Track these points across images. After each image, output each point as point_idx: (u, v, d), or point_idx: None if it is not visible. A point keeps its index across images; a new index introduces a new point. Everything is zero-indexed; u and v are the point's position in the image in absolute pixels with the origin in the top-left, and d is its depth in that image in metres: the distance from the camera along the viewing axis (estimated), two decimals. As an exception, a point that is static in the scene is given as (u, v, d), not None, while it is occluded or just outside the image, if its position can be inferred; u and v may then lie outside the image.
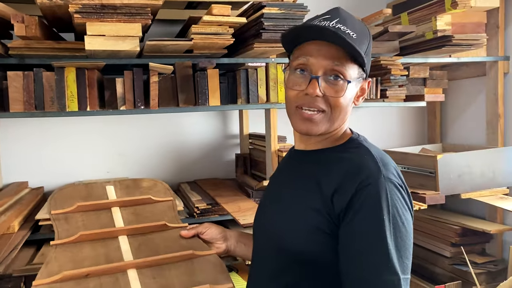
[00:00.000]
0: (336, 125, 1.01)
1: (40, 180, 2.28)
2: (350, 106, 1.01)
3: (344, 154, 0.99)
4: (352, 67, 0.96)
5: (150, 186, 1.40)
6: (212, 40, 1.61)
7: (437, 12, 2.11)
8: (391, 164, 0.97)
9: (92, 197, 1.31)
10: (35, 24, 1.53)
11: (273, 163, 2.04)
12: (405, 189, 0.95)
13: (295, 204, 1.01)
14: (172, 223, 1.26)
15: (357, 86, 1.00)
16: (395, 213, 0.89)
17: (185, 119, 2.48)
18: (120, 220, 1.24)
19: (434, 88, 2.20)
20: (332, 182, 0.94)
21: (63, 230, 1.18)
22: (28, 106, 1.56)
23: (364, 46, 0.97)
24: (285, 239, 1.00)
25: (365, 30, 0.99)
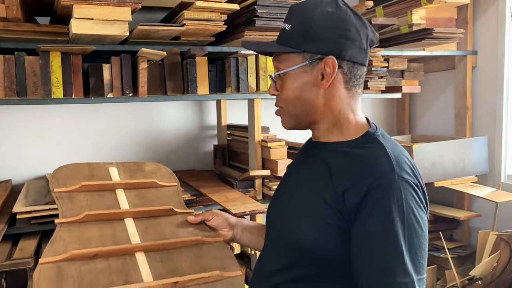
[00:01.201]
0: (307, 117, 1.01)
1: (6, 173, 2.16)
2: (310, 95, 0.98)
3: (358, 149, 0.97)
4: (289, 57, 0.98)
5: (153, 170, 1.36)
6: (204, 26, 1.58)
7: (412, 7, 2.18)
8: (406, 162, 0.94)
9: (95, 177, 1.26)
10: (17, 5, 1.44)
11: (257, 154, 2.05)
12: (421, 187, 0.93)
13: (307, 197, 1.00)
14: (178, 209, 1.24)
15: (308, 71, 0.97)
16: (410, 212, 0.87)
17: (161, 108, 2.42)
18: (125, 202, 1.20)
19: (411, 80, 2.28)
20: (344, 178, 0.93)
21: (67, 209, 1.13)
22: (10, 92, 1.47)
23: (303, 30, 0.96)
24: (295, 232, 1.00)
25: (306, 14, 0.97)
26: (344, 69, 0.97)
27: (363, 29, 0.98)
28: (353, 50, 0.96)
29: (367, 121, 1.04)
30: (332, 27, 0.95)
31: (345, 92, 0.99)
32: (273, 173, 1.98)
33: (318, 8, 0.96)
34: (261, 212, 1.68)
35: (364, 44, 0.98)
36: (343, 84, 0.98)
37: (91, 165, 1.31)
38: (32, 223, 1.68)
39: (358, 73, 1.00)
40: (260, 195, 2.05)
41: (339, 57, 0.95)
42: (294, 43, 0.97)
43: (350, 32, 0.96)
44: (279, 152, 2.01)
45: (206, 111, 2.56)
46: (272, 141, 2.02)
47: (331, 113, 1.00)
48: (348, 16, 0.96)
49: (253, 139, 2.06)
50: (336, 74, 0.96)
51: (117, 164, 1.34)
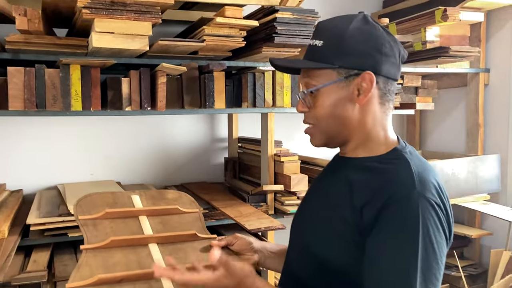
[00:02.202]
0: (341, 134, 1.00)
1: (18, 182, 2.16)
2: (345, 111, 0.97)
3: (382, 165, 0.96)
4: (323, 73, 0.97)
5: (175, 197, 1.37)
6: (223, 42, 1.59)
7: (426, 24, 2.19)
8: (431, 180, 0.91)
9: (118, 205, 1.27)
10: (38, 18, 1.45)
11: (270, 168, 2.04)
12: (444, 210, 0.89)
13: (328, 211, 1.00)
14: (201, 234, 1.24)
15: (343, 87, 0.96)
16: (425, 233, 0.84)
17: (172, 121, 2.42)
18: (149, 228, 1.21)
19: (425, 97, 2.28)
20: (364, 193, 0.92)
21: (92, 236, 1.13)
22: (29, 104, 1.47)
23: (337, 46, 0.95)
24: (316, 246, 1.00)
25: (339, 30, 0.96)
26: (380, 85, 0.97)
27: (395, 44, 0.98)
28: (388, 66, 0.96)
29: (398, 139, 1.03)
30: (368, 42, 0.95)
31: (378, 108, 0.99)
32: (286, 188, 1.97)
33: (350, 24, 0.95)
34: (276, 228, 1.67)
35: (397, 59, 0.98)
36: (377, 99, 0.98)
37: (114, 194, 1.32)
38: (45, 235, 1.67)
39: (392, 89, 1.00)
40: (272, 210, 2.04)
41: (376, 72, 0.95)
42: (328, 59, 0.96)
43: (385, 47, 0.95)
44: (292, 167, 2.00)
45: (218, 124, 2.56)
46: (285, 155, 2.01)
47: (363, 129, 0.99)
48: (381, 32, 0.96)
49: (266, 153, 2.05)
50: (373, 89, 0.95)
51: (140, 192, 1.36)
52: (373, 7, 2.83)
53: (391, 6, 2.71)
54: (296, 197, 1.95)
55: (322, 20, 1.03)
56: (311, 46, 1.00)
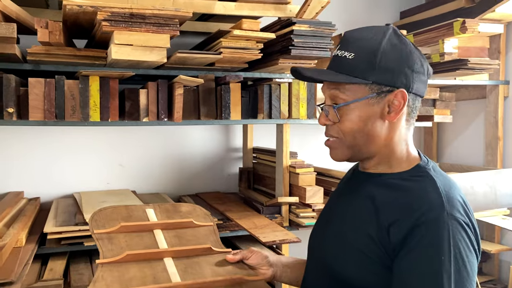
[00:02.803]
0: (366, 149, 0.98)
1: (35, 190, 2.19)
2: (374, 127, 0.95)
3: (407, 182, 0.94)
4: (353, 87, 0.95)
5: (190, 210, 1.37)
6: (240, 54, 1.60)
7: (444, 35, 2.17)
8: (459, 199, 0.89)
9: (133, 218, 1.28)
10: (59, 30, 1.48)
11: (284, 180, 2.03)
12: (472, 228, 0.88)
13: (350, 228, 0.98)
14: (216, 248, 1.23)
15: (374, 103, 0.94)
16: (457, 254, 0.82)
17: (187, 130, 2.44)
18: (164, 242, 1.20)
19: (443, 109, 2.26)
20: (390, 212, 0.90)
21: (107, 250, 1.14)
22: (49, 114, 1.49)
23: (370, 60, 0.93)
24: (336, 263, 0.98)
25: (373, 44, 0.94)
26: (409, 102, 0.96)
27: (425, 62, 0.97)
28: (418, 83, 0.95)
29: (419, 154, 1.02)
30: (402, 59, 0.93)
31: (404, 124, 0.98)
32: (301, 200, 1.96)
33: (384, 38, 0.94)
34: (291, 241, 1.66)
35: (426, 76, 0.97)
36: (405, 116, 0.97)
37: (129, 207, 1.33)
38: (62, 243, 1.68)
39: (418, 105, 0.99)
40: (286, 222, 2.03)
41: (407, 90, 0.94)
42: (360, 73, 0.93)
43: (417, 64, 0.94)
44: (307, 179, 1.99)
45: (232, 134, 2.56)
46: (301, 167, 2.00)
47: (389, 145, 0.98)
48: (412, 48, 0.95)
49: (281, 164, 2.05)
50: (405, 107, 0.94)
51: (154, 205, 1.36)
52: (390, 18, 2.82)
53: (409, 17, 2.70)
54: (311, 210, 1.93)
55: (349, 30, 1.00)
56: (339, 57, 0.97)
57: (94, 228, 1.20)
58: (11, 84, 1.47)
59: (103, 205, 1.86)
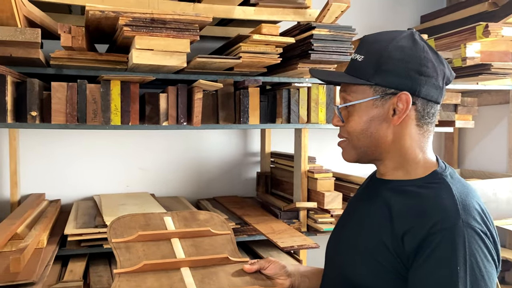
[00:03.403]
0: (372, 152, 0.98)
1: (56, 192, 2.22)
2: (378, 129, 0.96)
3: (422, 189, 0.92)
4: (359, 89, 0.96)
5: (207, 218, 1.37)
6: (259, 59, 1.60)
7: (466, 40, 2.13)
8: (475, 207, 0.87)
9: (150, 226, 1.28)
10: (82, 35, 1.50)
11: (303, 184, 2.02)
12: (491, 237, 0.85)
13: (365, 235, 0.97)
14: (233, 257, 1.23)
15: (378, 105, 0.94)
16: (473, 264, 0.80)
17: (206, 134, 2.45)
18: (181, 251, 1.21)
19: (465, 114, 2.22)
20: (404, 220, 0.89)
21: (125, 259, 1.15)
22: (71, 118, 1.52)
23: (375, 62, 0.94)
24: (350, 270, 0.98)
25: (381, 46, 0.94)
26: (418, 106, 0.94)
27: (440, 66, 0.95)
28: (428, 87, 0.93)
29: (437, 160, 0.99)
30: (408, 62, 0.92)
31: (416, 130, 0.96)
32: (320, 205, 1.94)
33: (394, 41, 0.93)
34: (309, 247, 1.64)
35: (440, 81, 0.95)
36: (415, 121, 0.95)
37: (147, 215, 1.33)
38: (82, 245, 1.70)
39: (432, 111, 0.96)
40: (304, 227, 2.02)
41: (414, 93, 0.93)
42: (366, 75, 0.94)
43: (427, 68, 0.93)
44: (326, 184, 1.98)
45: (251, 138, 2.57)
46: (319, 172, 1.99)
47: (399, 151, 0.97)
48: (425, 52, 0.93)
49: (299, 169, 2.04)
50: (409, 110, 0.93)
51: (172, 213, 1.36)
52: (411, 23, 2.79)
53: (430, 21, 2.67)
54: (329, 215, 1.92)
55: (369, 34, 1.01)
56: (352, 60, 1.00)
57: (112, 237, 1.21)
58: (34, 88, 1.49)
59: (122, 208, 1.90)
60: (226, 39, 1.99)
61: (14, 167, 2.07)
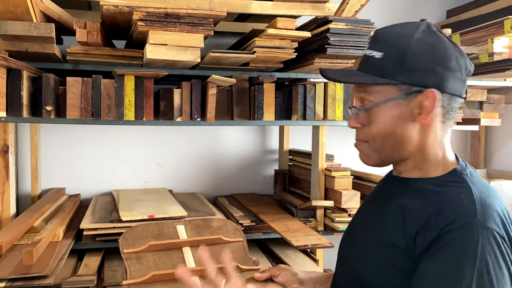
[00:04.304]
0: (397, 154, 0.92)
1: (76, 187, 2.25)
2: (404, 130, 0.90)
3: (441, 188, 0.88)
4: (381, 88, 0.90)
5: (220, 226, 1.36)
6: (274, 53, 1.57)
7: (494, 34, 2.05)
8: (496, 209, 0.82)
9: (163, 236, 1.28)
10: (97, 31, 1.51)
11: (320, 183, 1.98)
12: (509, 241, 0.80)
13: (378, 234, 0.94)
14: (244, 265, 1.21)
15: (403, 104, 0.89)
16: (483, 268, 0.76)
17: (224, 131, 2.44)
18: (191, 260, 1.20)
19: (491, 112, 2.13)
20: (418, 218, 0.85)
21: (135, 270, 1.15)
22: (85, 113, 1.53)
23: (399, 59, 0.88)
24: (363, 270, 0.94)
25: (402, 42, 0.88)
26: (444, 102, 0.89)
27: (462, 58, 0.90)
28: (453, 81, 0.89)
29: (456, 158, 0.95)
30: (433, 57, 0.87)
31: (440, 126, 0.91)
32: (337, 204, 1.90)
33: (414, 35, 0.88)
34: (324, 246, 1.61)
35: (463, 75, 0.90)
36: (440, 118, 0.91)
37: (159, 224, 1.33)
38: (97, 240, 1.72)
39: (456, 106, 0.92)
40: (321, 226, 1.98)
41: (440, 89, 0.88)
42: (389, 74, 0.89)
43: (451, 62, 0.88)
44: (343, 182, 1.93)
45: (269, 135, 2.54)
46: (337, 170, 1.95)
47: (422, 149, 0.92)
48: (447, 45, 0.89)
49: (316, 167, 2.00)
50: (436, 108, 0.88)
51: (185, 221, 1.36)
52: (436, 17, 2.70)
53: (456, 16, 2.58)
54: (347, 214, 1.88)
55: (381, 27, 0.95)
56: (368, 57, 0.93)
57: (124, 248, 1.21)
58: (50, 83, 1.51)
59: (139, 203, 1.90)
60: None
61: (35, 162, 2.10)
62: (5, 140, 1.65)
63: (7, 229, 1.52)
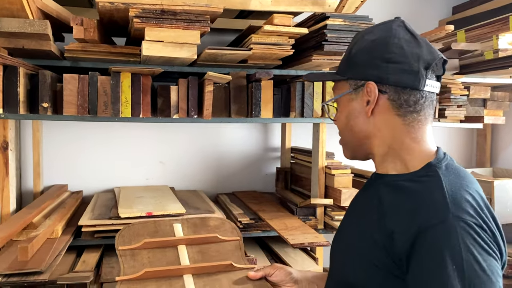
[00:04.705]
0: (360, 147, 0.98)
1: (79, 184, 2.26)
2: (356, 123, 0.95)
3: (413, 184, 0.87)
4: (339, 85, 0.98)
5: (218, 225, 1.36)
6: (271, 50, 1.56)
7: (499, 31, 2.01)
8: (468, 199, 0.80)
9: (159, 233, 1.29)
10: (94, 27, 1.51)
11: (320, 181, 1.97)
12: (488, 229, 0.78)
13: (359, 234, 0.93)
14: (239, 264, 1.21)
15: (354, 98, 0.94)
16: (470, 258, 0.74)
17: (226, 129, 2.43)
18: (186, 258, 1.20)
19: (495, 110, 2.09)
20: (394, 216, 0.84)
21: (129, 267, 1.15)
22: (82, 110, 1.53)
23: (347, 56, 0.97)
24: (346, 271, 0.94)
25: (354, 42, 0.96)
26: (390, 95, 0.90)
27: (414, 49, 0.89)
28: (398, 74, 0.89)
29: (437, 151, 0.93)
30: (374, 51, 0.91)
31: (398, 120, 0.91)
32: (336, 202, 1.89)
33: (367, 34, 0.94)
34: (320, 244, 1.60)
35: (415, 66, 0.88)
36: (393, 111, 0.91)
37: (157, 222, 1.34)
38: (95, 236, 1.72)
39: (412, 99, 0.90)
40: (321, 225, 1.97)
41: (381, 82, 0.90)
42: (341, 70, 0.97)
43: (394, 54, 0.89)
44: (343, 180, 1.92)
45: (271, 133, 2.53)
46: (337, 168, 1.93)
47: (384, 143, 0.94)
48: (396, 38, 0.90)
49: (316, 165, 1.99)
50: (380, 100, 0.91)
51: (182, 220, 1.36)
52: (442, 14, 2.66)
53: (461, 12, 2.54)
54: (346, 213, 1.86)
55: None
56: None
57: (120, 245, 1.22)
58: (46, 80, 1.51)
59: (139, 201, 1.90)
60: (245, 32, 1.96)
61: (37, 158, 2.12)
62: (5, 136, 1.66)
63: (4, 225, 1.53)
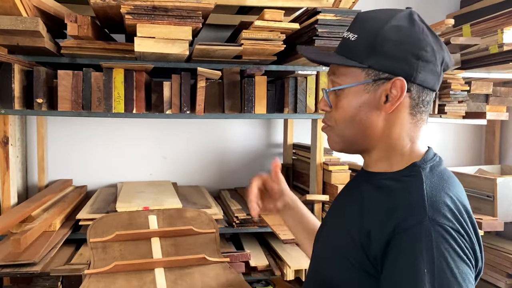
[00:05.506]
0: (360, 142, 0.90)
1: (84, 179, 2.30)
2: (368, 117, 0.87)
3: (395, 183, 0.84)
4: (350, 71, 0.87)
5: (194, 216, 1.34)
6: (262, 46, 1.55)
7: (504, 24, 1.96)
8: (447, 203, 0.78)
9: (133, 226, 1.26)
10: (88, 24, 1.53)
11: (318, 177, 1.96)
12: (465, 235, 0.76)
13: (338, 230, 0.92)
14: (213, 257, 1.19)
15: (370, 90, 0.86)
16: (443, 265, 0.72)
17: (229, 125, 2.44)
18: (159, 251, 1.18)
19: (497, 105, 2.04)
20: (372, 215, 0.82)
21: (99, 260, 1.14)
22: (76, 105, 1.56)
23: (370, 43, 0.85)
24: (323, 267, 0.93)
25: (377, 25, 0.85)
26: (413, 93, 0.86)
27: (440, 50, 0.86)
28: (426, 73, 0.85)
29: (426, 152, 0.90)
30: (405, 44, 0.84)
31: (408, 118, 0.88)
32: (332, 198, 1.87)
33: (391, 21, 0.85)
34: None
35: (438, 67, 0.86)
36: (408, 109, 0.87)
37: (131, 214, 1.32)
38: (93, 230, 1.75)
39: (427, 99, 0.88)
40: (320, 221, 1.95)
41: (410, 79, 0.84)
42: (358, 57, 0.86)
43: (426, 52, 0.84)
44: (340, 177, 1.90)
45: (274, 129, 2.52)
46: (334, 164, 1.92)
47: (388, 141, 0.89)
48: (424, 34, 0.85)
49: (314, 161, 1.98)
50: (403, 97, 0.85)
51: (158, 211, 1.34)
52: (449, 8, 2.61)
53: (469, 6, 2.48)
54: (342, 209, 1.84)
55: (364, 11, 0.92)
56: (344, 39, 0.91)
57: (91, 237, 1.20)
58: (41, 76, 1.55)
59: (139, 195, 1.93)
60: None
61: (41, 153, 2.17)
62: (5, 131, 1.70)
63: (2, 217, 1.57)
